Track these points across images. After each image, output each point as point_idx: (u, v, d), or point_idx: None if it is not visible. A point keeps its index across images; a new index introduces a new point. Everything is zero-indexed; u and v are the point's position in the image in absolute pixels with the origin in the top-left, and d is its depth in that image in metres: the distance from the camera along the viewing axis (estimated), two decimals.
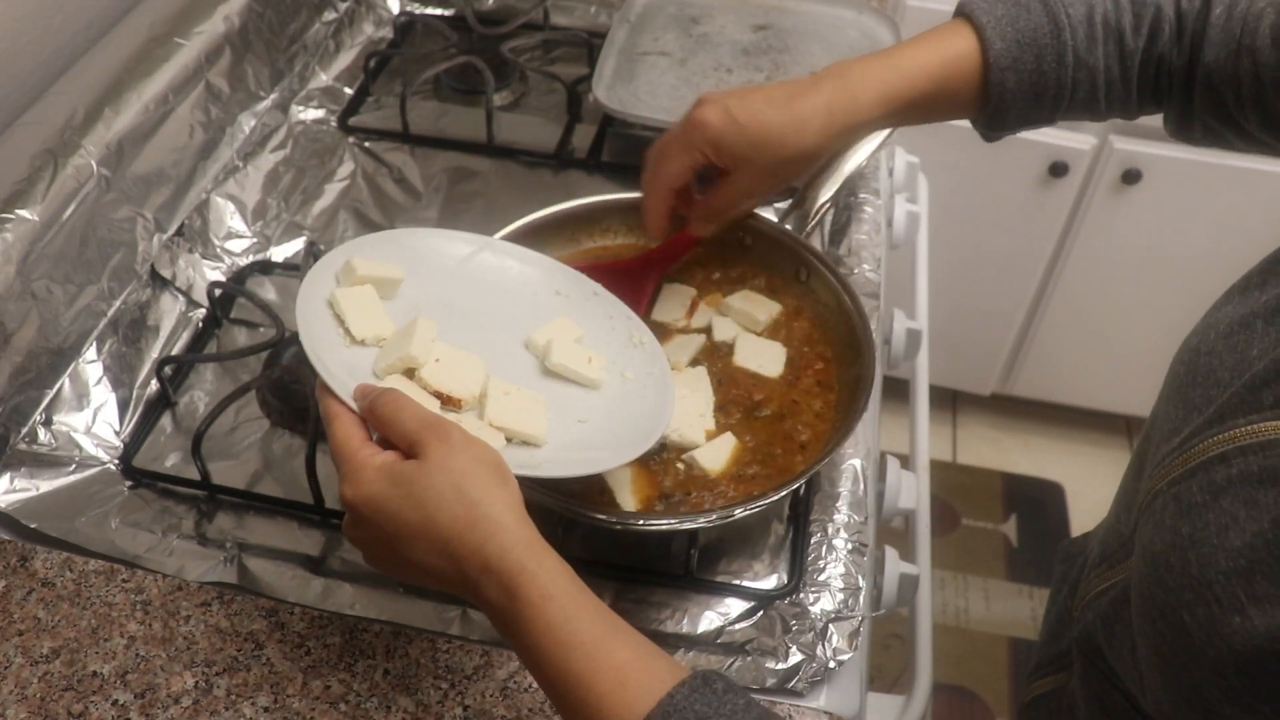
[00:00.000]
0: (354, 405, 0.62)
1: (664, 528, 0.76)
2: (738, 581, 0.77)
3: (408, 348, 0.66)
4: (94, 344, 0.87)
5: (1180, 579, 0.56)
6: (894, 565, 0.83)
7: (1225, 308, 0.66)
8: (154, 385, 0.88)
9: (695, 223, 0.83)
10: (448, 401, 0.67)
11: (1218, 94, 0.70)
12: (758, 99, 0.73)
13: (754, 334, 0.85)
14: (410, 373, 0.67)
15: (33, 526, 0.77)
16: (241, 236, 1.01)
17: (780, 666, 0.71)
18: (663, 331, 0.84)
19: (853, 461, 0.83)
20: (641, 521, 0.74)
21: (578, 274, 0.80)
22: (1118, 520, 0.73)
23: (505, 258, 0.79)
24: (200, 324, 0.94)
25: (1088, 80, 0.72)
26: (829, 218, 1.03)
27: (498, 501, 0.57)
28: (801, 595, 0.75)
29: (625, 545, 0.79)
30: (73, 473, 0.81)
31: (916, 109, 0.74)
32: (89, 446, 0.83)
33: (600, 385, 0.74)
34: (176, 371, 0.89)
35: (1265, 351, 0.59)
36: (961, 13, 0.74)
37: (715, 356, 0.84)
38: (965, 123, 0.78)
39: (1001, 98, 0.72)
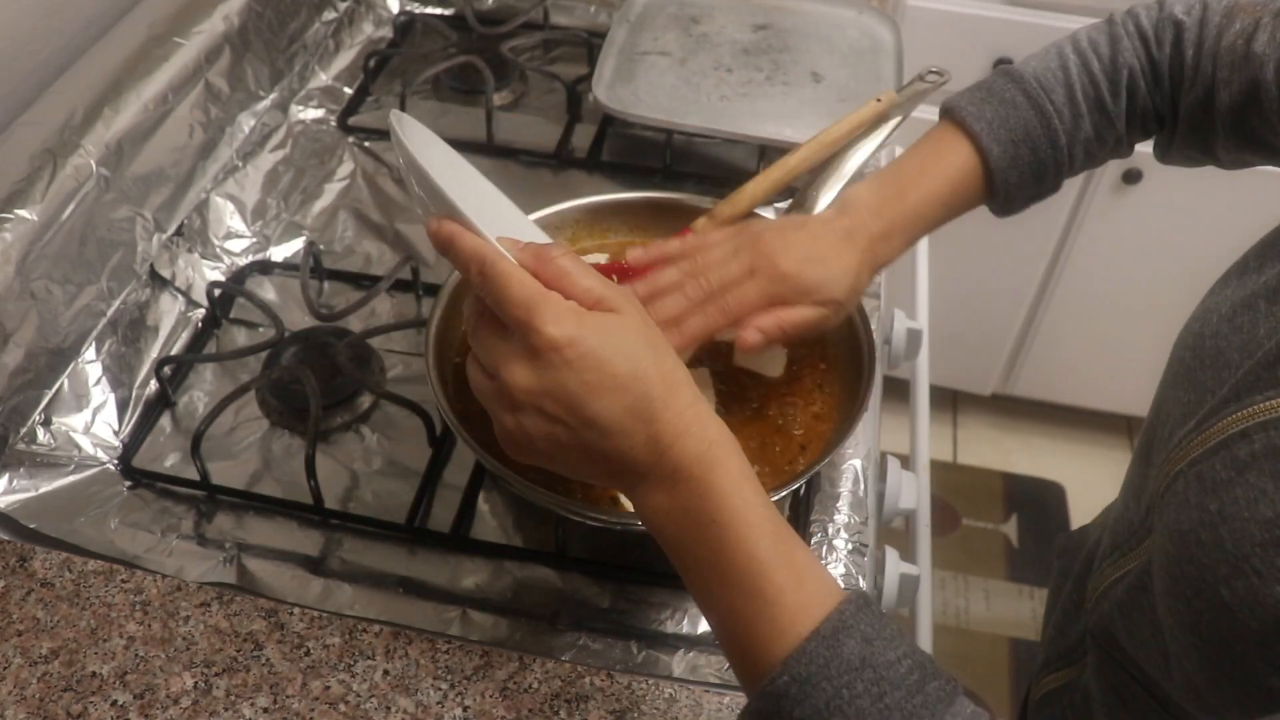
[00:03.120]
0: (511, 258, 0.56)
1: None
2: None
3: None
4: (93, 344, 0.87)
5: (1214, 555, 0.57)
6: (894, 565, 0.83)
7: (1224, 291, 0.68)
8: (153, 385, 0.88)
9: (757, 331, 0.75)
10: None
11: (1198, 129, 0.75)
12: (796, 253, 0.72)
13: None
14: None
15: (32, 527, 0.77)
16: (241, 236, 1.01)
17: None
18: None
19: (853, 462, 0.83)
20: (641, 521, 0.74)
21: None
22: (1126, 509, 0.73)
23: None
24: (200, 324, 0.94)
25: (1082, 151, 0.77)
26: None
27: (687, 373, 0.55)
28: None
29: (625, 545, 0.79)
30: (72, 473, 0.81)
31: (931, 230, 0.78)
32: (88, 447, 0.83)
33: None
34: (176, 371, 0.89)
35: (1273, 330, 0.60)
36: (952, 118, 0.77)
37: (715, 357, 0.83)
38: None
39: (1008, 192, 0.77)
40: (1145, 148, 0.81)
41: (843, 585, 0.75)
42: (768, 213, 0.89)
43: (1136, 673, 0.70)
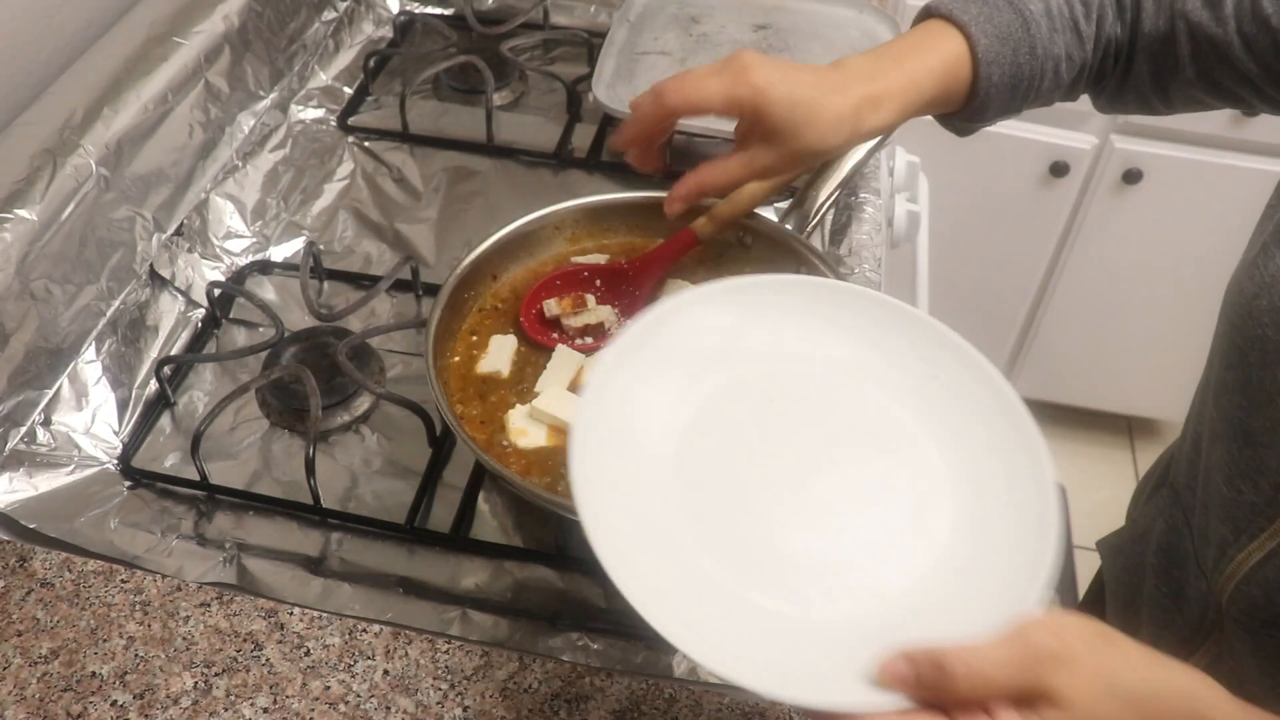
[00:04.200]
0: None
1: None
2: None
3: None
4: (93, 344, 0.87)
5: None
6: None
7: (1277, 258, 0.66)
8: (153, 385, 0.88)
9: (677, 199, 0.80)
10: None
11: (1155, 62, 0.76)
12: (804, 81, 0.72)
13: None
14: None
15: (31, 527, 0.77)
16: (241, 236, 1.01)
17: None
18: None
19: None
20: None
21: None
22: (1237, 494, 0.70)
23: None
24: (199, 324, 0.94)
25: (1052, 69, 0.75)
26: (829, 218, 1.03)
27: (1160, 670, 0.48)
28: None
29: None
30: (71, 473, 0.81)
31: (918, 114, 0.76)
32: (88, 447, 0.83)
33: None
34: (175, 371, 0.89)
35: None
36: (937, 13, 0.76)
37: None
38: None
39: (987, 93, 0.75)
40: (1147, 147, 0.81)
41: None
42: (768, 213, 0.89)
43: None
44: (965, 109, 0.77)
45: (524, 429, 0.78)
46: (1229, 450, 0.72)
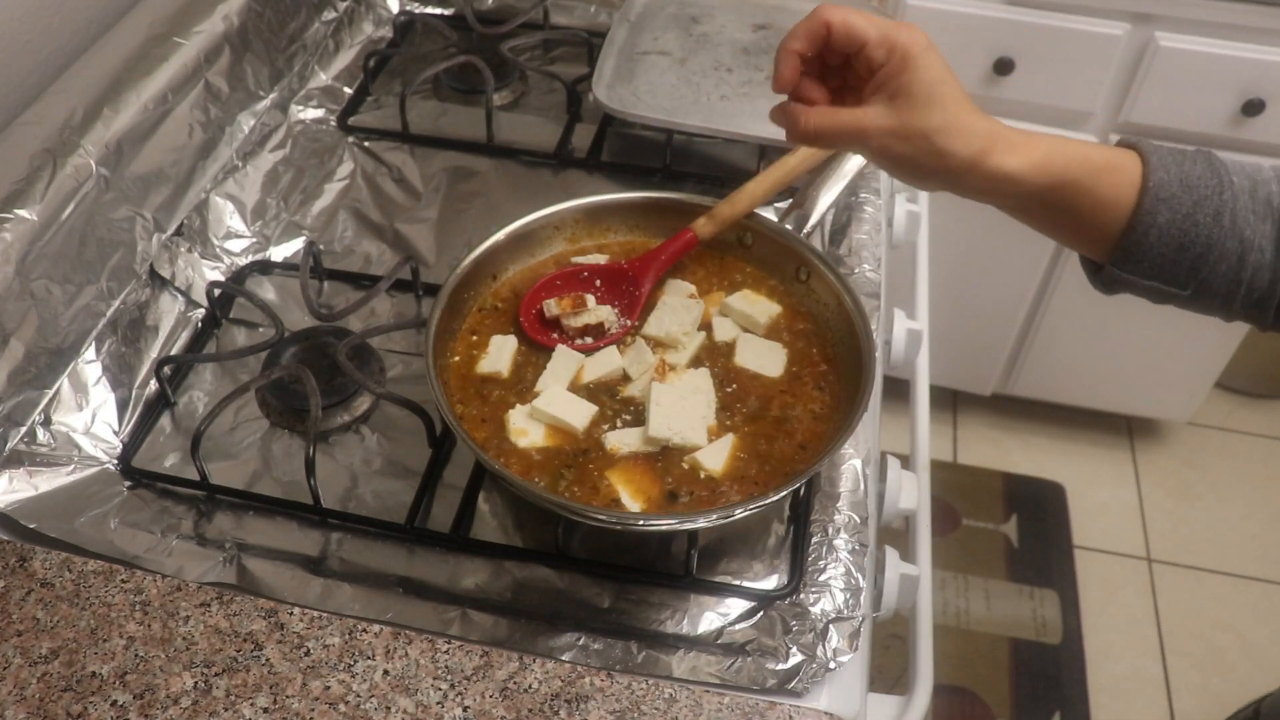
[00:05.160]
0: None
1: (664, 528, 0.76)
2: (738, 582, 0.77)
3: None
4: (93, 344, 0.87)
5: None
6: (894, 566, 0.83)
7: None
8: (153, 385, 0.88)
9: (809, 120, 0.69)
10: None
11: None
12: (959, 87, 0.66)
13: (754, 334, 0.85)
14: None
15: (31, 527, 0.77)
16: (241, 236, 1.01)
17: (780, 667, 0.71)
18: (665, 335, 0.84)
19: (853, 461, 0.83)
20: (641, 521, 0.74)
21: None
22: None
23: None
24: (199, 324, 0.94)
25: (1236, 252, 0.66)
26: (829, 217, 1.03)
27: None
28: (802, 596, 0.75)
29: (625, 545, 0.79)
30: (72, 473, 0.81)
31: (1057, 194, 0.67)
32: (88, 447, 0.83)
33: None
34: (176, 371, 0.89)
35: None
36: (1125, 144, 0.69)
37: (716, 357, 0.84)
38: None
39: (1147, 230, 0.66)
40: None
41: (843, 585, 0.76)
42: (768, 213, 0.89)
43: None
44: (1118, 244, 0.67)
45: (524, 429, 0.78)
46: None
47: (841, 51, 0.68)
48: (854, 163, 0.89)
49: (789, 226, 0.87)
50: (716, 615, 0.75)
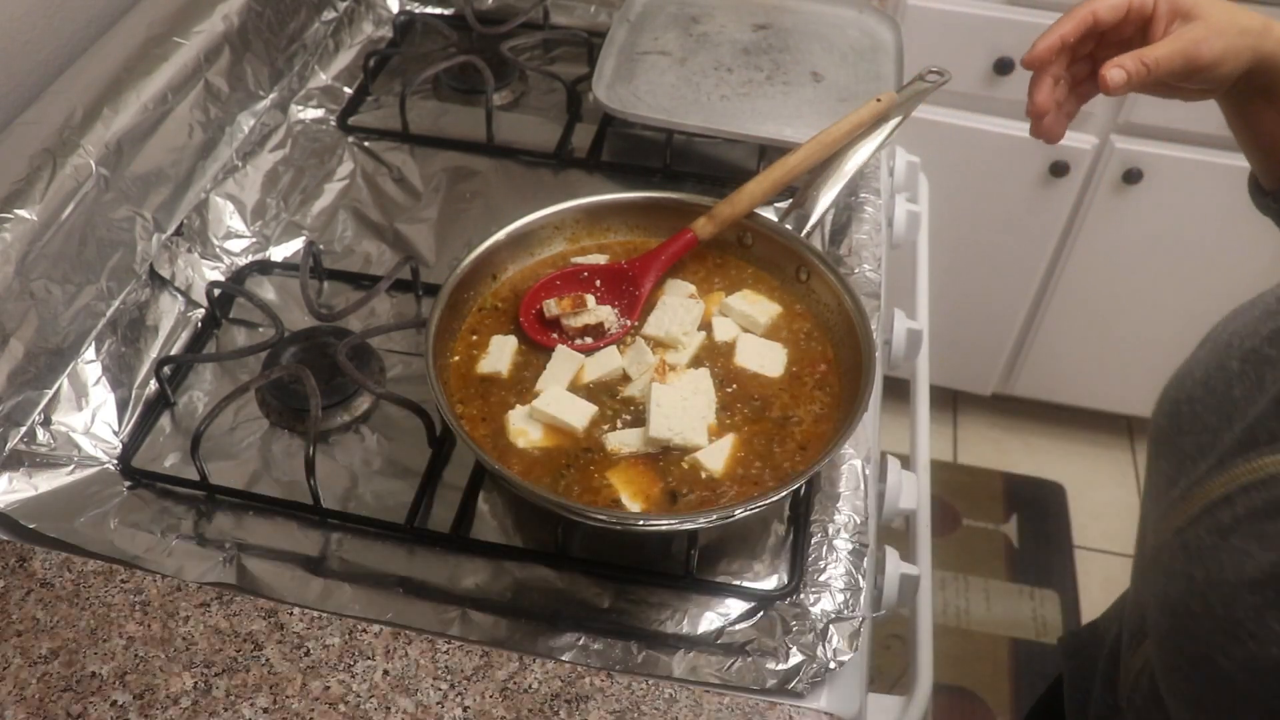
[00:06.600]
0: None
1: (664, 528, 0.76)
2: (738, 582, 0.77)
3: None
4: (93, 344, 0.87)
5: (1207, 624, 0.55)
6: (894, 565, 0.82)
7: (1198, 353, 0.66)
8: (153, 385, 0.88)
9: (1126, 63, 0.73)
10: None
11: None
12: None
13: (754, 334, 0.85)
14: None
15: (31, 527, 0.77)
16: (241, 236, 1.01)
17: (780, 667, 0.71)
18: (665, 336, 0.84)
19: (853, 461, 0.83)
20: (641, 521, 0.74)
21: None
22: (1137, 593, 0.71)
23: None
24: (199, 324, 0.94)
25: None
26: (829, 217, 1.03)
27: None
28: (802, 596, 0.75)
29: (625, 545, 0.79)
30: (71, 473, 0.81)
31: None
32: (88, 447, 0.83)
33: None
34: (175, 371, 0.89)
35: (1248, 392, 0.59)
36: None
37: (716, 357, 0.83)
38: (965, 120, 0.78)
39: None
40: (1147, 146, 0.80)
41: (843, 585, 0.76)
42: (768, 213, 0.89)
43: None
44: None
45: (524, 429, 0.78)
46: (1136, 550, 0.72)
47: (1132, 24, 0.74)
48: (854, 163, 0.89)
49: (789, 226, 0.87)
50: (716, 615, 0.75)
